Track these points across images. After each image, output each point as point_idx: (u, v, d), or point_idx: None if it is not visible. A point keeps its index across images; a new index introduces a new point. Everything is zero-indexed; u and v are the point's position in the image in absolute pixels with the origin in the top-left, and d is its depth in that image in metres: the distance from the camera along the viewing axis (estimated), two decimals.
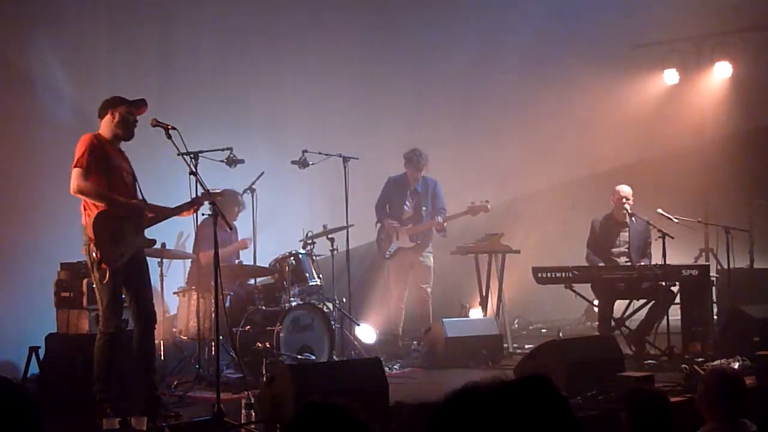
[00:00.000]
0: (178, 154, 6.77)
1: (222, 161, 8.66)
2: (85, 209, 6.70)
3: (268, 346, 8.07)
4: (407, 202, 10.27)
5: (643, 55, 12.96)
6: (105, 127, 6.83)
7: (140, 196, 6.90)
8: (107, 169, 6.70)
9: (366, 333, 9.53)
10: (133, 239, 6.75)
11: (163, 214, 7.05)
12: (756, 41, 12.55)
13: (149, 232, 6.95)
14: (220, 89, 10.76)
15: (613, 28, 12.74)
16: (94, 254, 6.58)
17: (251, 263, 9.19)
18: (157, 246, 7.43)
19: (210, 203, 6.62)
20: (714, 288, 9.94)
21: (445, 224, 10.14)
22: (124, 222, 6.71)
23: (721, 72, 12.54)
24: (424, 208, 10.18)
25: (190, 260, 9.20)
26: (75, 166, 6.63)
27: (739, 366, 7.79)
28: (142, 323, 6.85)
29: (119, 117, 6.77)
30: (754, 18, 12.51)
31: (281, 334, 8.13)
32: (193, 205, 6.98)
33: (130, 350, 6.86)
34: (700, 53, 12.64)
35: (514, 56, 12.57)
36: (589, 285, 9.61)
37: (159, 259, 8.55)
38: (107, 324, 6.65)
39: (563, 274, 9.25)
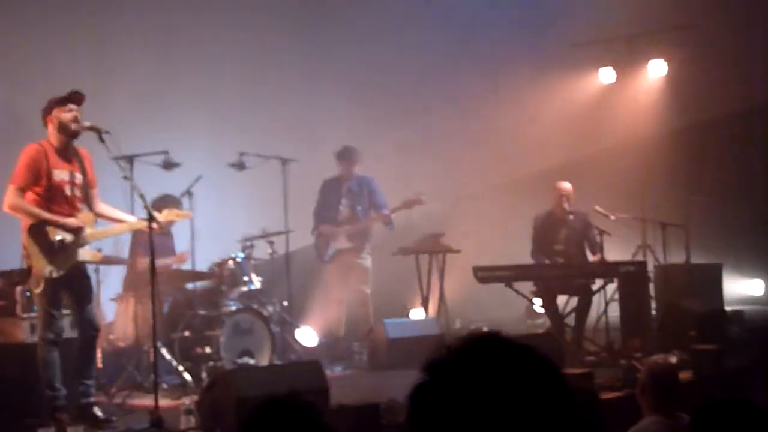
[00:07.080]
0: (112, 158, 6.67)
1: (158, 165, 8.57)
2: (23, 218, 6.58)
3: (208, 351, 7.99)
4: (342, 202, 10.19)
5: (580, 53, 13.05)
6: (50, 134, 6.69)
7: (86, 208, 6.79)
8: (48, 184, 6.56)
9: (307, 336, 9.49)
10: (74, 253, 6.61)
11: (113, 231, 6.98)
12: (690, 39, 12.69)
13: None
14: (155, 90, 10.62)
15: (552, 27, 12.81)
16: (27, 263, 6.50)
17: (189, 267, 9.09)
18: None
19: (144, 207, 6.53)
20: (652, 284, 10.05)
21: (393, 215, 10.10)
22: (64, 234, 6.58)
23: (656, 70, 12.68)
24: (359, 207, 10.13)
25: (126, 266, 9.08)
26: (11, 182, 6.51)
27: (676, 360, 7.87)
28: (84, 333, 6.76)
29: (57, 122, 6.62)
30: (687, 15, 12.65)
31: (221, 339, 8.06)
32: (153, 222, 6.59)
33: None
34: (633, 52, 12.77)
35: (451, 56, 12.59)
36: (531, 282, 9.67)
37: (95, 266, 8.41)
38: (43, 331, 6.56)
39: (503, 273, 9.30)
